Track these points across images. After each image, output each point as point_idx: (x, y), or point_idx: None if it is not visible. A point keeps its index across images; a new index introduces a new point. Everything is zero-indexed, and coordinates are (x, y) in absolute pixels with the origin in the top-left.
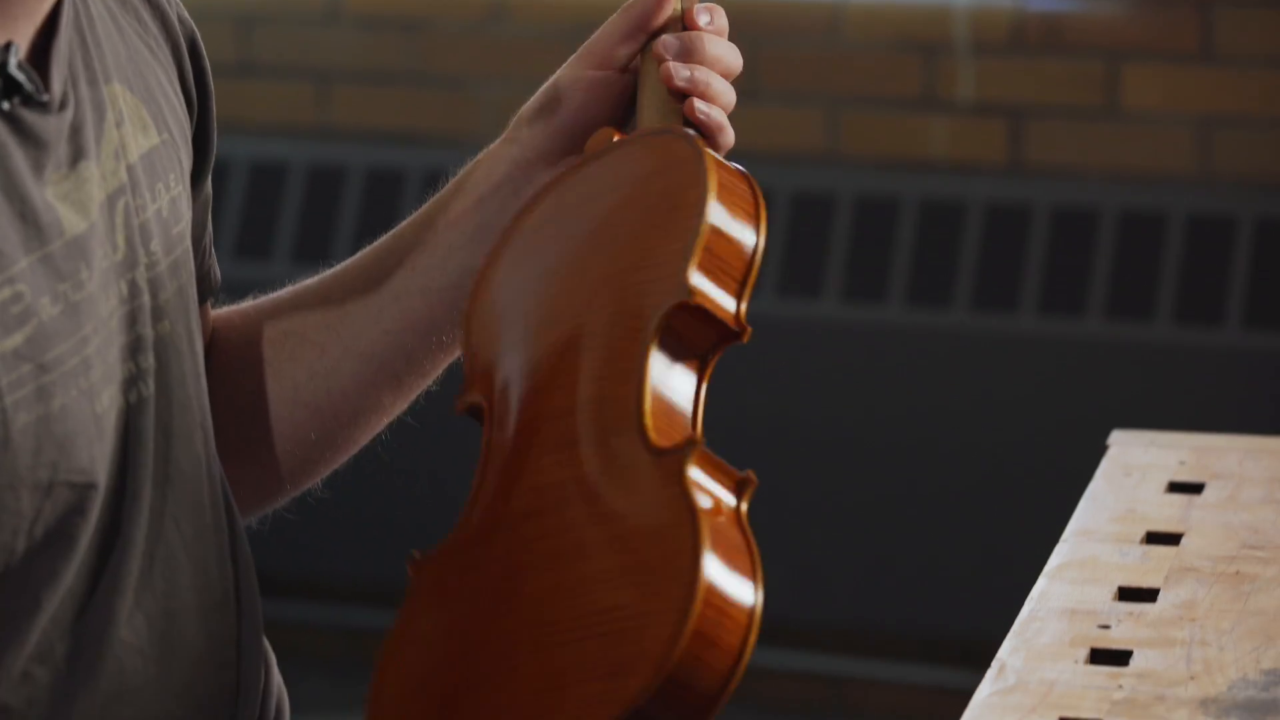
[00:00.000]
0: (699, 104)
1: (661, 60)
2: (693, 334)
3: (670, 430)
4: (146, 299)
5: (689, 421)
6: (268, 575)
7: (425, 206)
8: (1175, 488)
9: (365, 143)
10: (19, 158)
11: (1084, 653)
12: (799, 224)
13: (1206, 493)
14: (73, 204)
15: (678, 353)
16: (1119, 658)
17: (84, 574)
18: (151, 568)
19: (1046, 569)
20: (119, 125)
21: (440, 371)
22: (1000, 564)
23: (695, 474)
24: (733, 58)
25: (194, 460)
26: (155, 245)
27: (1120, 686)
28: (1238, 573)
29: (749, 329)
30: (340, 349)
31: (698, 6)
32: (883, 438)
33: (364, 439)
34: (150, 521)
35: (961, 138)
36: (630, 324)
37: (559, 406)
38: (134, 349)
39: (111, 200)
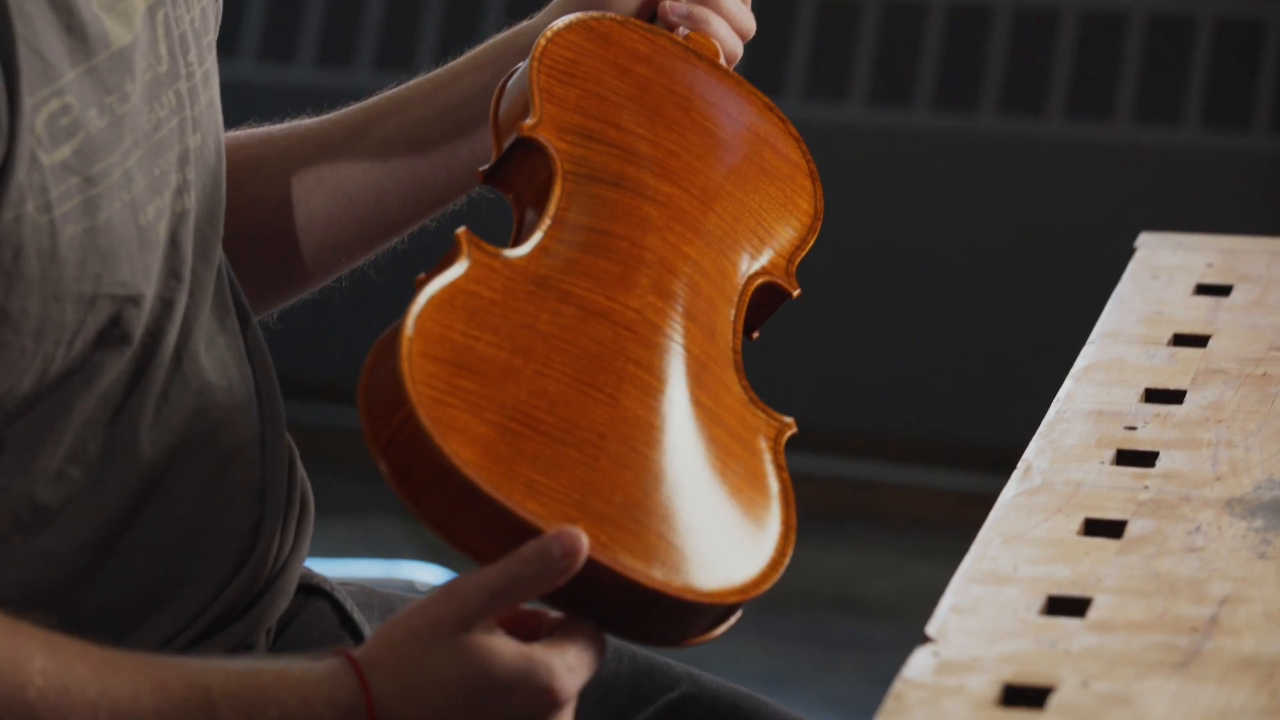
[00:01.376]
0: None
1: None
2: (765, 302)
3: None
4: (189, 111)
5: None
6: (293, 378)
7: (436, 70)
8: (1202, 290)
9: None
10: None
11: (1110, 454)
12: (825, 28)
13: (1234, 294)
14: (117, 15)
15: (748, 310)
16: (1145, 459)
17: (120, 380)
18: (180, 370)
19: (1073, 371)
20: None
21: (408, 231)
22: (1026, 367)
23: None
24: (746, 17)
25: (217, 267)
26: (192, 57)
27: (1146, 487)
28: (1265, 374)
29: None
30: (316, 179)
31: None
32: (908, 242)
33: (321, 277)
34: (182, 327)
35: None
36: (742, 262)
37: (664, 258)
38: (183, 160)
39: (151, 11)
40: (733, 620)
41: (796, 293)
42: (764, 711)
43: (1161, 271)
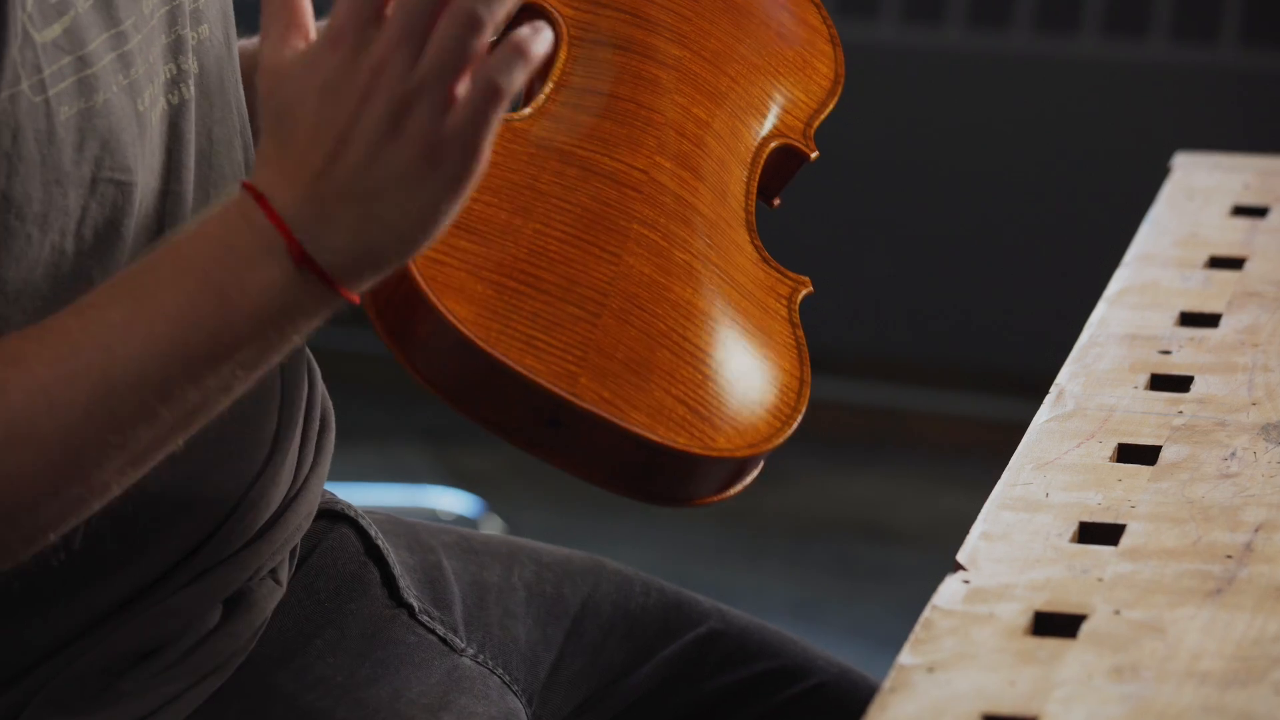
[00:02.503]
0: None
1: None
2: (782, 165)
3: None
4: (185, 2)
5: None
6: None
7: None
8: (1239, 211)
9: None
10: None
11: (1144, 378)
12: None
13: (1271, 216)
14: None
15: (764, 173)
16: (1179, 383)
17: None
18: None
19: (1106, 294)
20: None
21: None
22: (1059, 290)
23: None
24: None
25: (235, 166)
26: None
27: (1180, 412)
28: None
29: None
30: None
31: None
32: (939, 164)
33: None
34: None
35: None
36: (755, 124)
37: (672, 120)
38: (175, 50)
39: None
40: (749, 479)
41: (814, 155)
42: (792, 648)
43: (1197, 192)
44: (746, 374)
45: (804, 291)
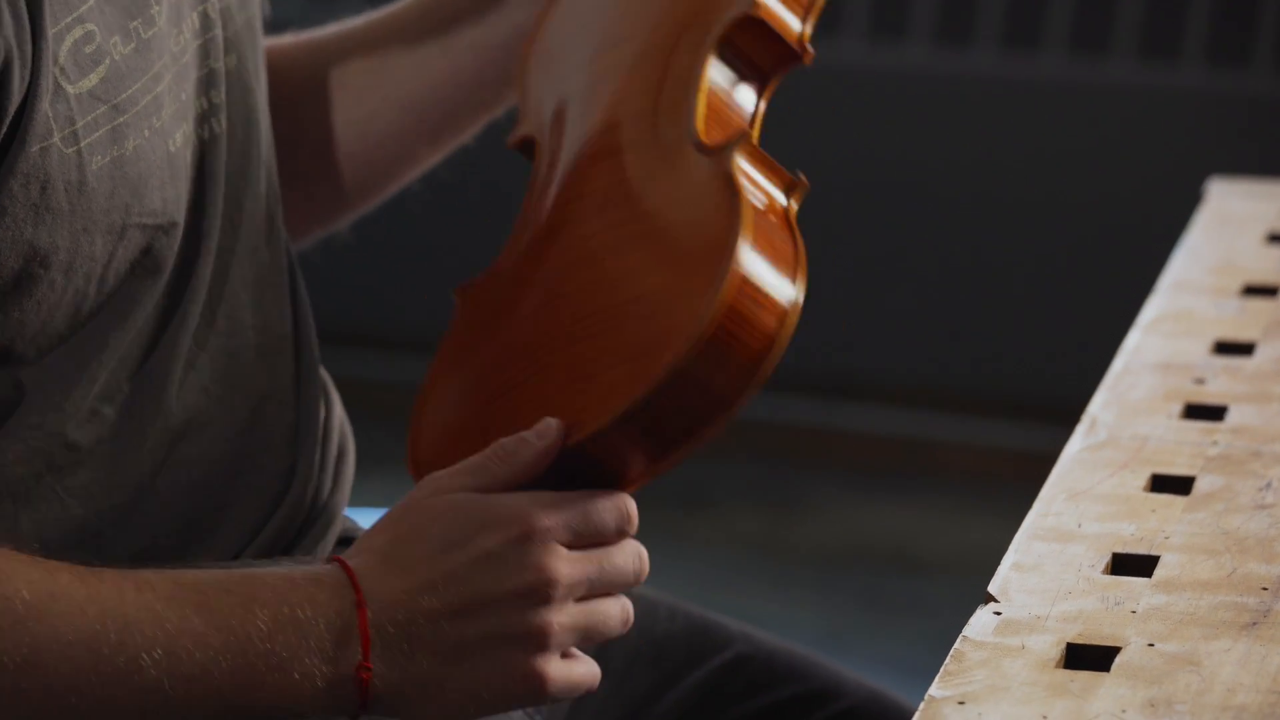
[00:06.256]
0: None
1: None
2: (754, 50)
3: (722, 132)
4: (219, 31)
5: (745, 127)
6: (344, 329)
7: None
8: (1274, 238)
9: None
10: None
11: (1178, 407)
12: None
13: None
14: None
15: (737, 67)
16: (1214, 413)
17: (153, 316)
18: (216, 307)
19: (1140, 322)
20: None
21: (478, 129)
22: (1092, 319)
23: (743, 164)
24: None
25: (258, 199)
26: None
27: (1215, 442)
28: None
29: (811, 51)
30: (379, 97)
31: None
32: (969, 191)
33: (394, 187)
34: (217, 260)
35: None
36: (690, 37)
37: (606, 121)
38: (208, 83)
39: None
40: (781, 338)
41: (759, 13)
42: (820, 670)
43: (1231, 219)
44: (668, 261)
45: (741, 141)
